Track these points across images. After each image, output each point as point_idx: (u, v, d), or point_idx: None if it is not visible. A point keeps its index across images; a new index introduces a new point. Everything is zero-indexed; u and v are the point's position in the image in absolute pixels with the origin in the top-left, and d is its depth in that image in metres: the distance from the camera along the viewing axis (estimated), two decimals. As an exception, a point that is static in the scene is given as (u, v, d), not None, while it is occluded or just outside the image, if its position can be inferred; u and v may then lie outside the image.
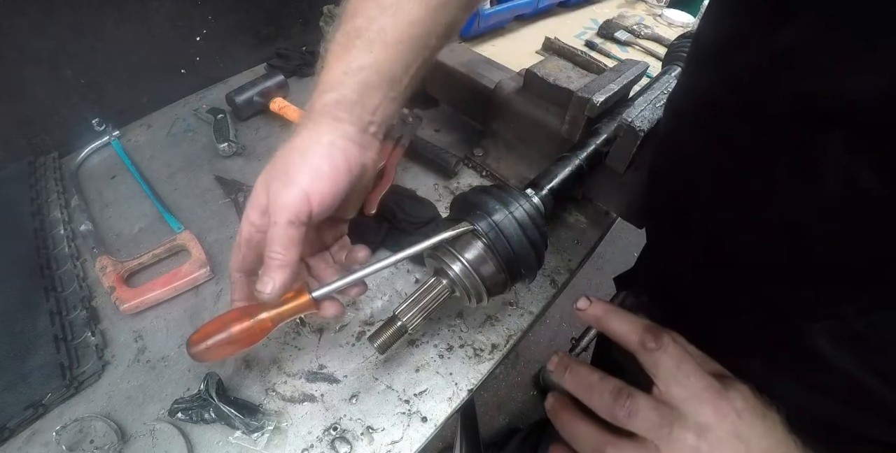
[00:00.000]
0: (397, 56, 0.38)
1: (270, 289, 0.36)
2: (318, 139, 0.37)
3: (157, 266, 0.61)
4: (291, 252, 0.36)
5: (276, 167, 0.38)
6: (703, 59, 0.38)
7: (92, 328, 0.53)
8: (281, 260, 0.35)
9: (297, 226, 0.35)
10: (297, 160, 0.37)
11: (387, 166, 0.70)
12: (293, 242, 0.35)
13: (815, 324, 0.29)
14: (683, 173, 0.42)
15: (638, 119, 0.51)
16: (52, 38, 0.66)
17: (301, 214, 0.35)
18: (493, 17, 0.79)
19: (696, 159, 0.40)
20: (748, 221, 0.34)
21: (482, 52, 0.76)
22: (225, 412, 0.45)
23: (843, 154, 0.24)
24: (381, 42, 0.37)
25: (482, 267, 0.41)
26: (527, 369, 1.53)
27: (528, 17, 1.01)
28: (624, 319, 0.32)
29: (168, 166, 0.74)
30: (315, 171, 0.36)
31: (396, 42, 0.37)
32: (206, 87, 0.87)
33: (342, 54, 0.38)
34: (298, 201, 0.35)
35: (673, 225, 0.48)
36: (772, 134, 0.29)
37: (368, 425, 0.48)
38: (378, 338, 0.43)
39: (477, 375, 0.52)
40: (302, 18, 0.95)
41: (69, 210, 0.65)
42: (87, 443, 0.46)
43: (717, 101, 0.34)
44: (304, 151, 0.37)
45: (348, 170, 0.37)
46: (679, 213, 0.45)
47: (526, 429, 1.19)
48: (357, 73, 0.37)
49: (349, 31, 0.38)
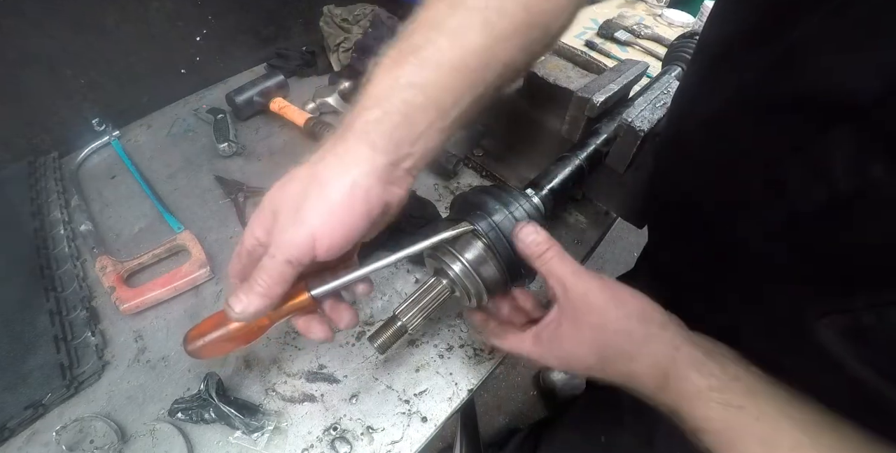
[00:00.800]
0: (450, 82, 0.34)
1: (240, 310, 0.34)
2: (344, 172, 0.33)
3: (157, 266, 0.61)
4: (277, 287, 0.33)
5: (289, 193, 0.33)
6: (708, 62, 0.38)
7: (92, 328, 0.53)
8: (263, 291, 0.33)
9: (293, 267, 0.33)
10: (315, 195, 0.32)
11: None
12: (283, 279, 0.33)
13: (821, 319, 0.29)
14: (686, 172, 0.42)
15: (638, 119, 0.51)
16: (52, 38, 0.66)
17: (303, 257, 0.33)
18: (493, 17, 0.79)
19: (699, 158, 0.39)
20: (751, 219, 0.34)
21: (482, 52, 0.76)
22: (225, 412, 0.45)
23: (853, 148, 0.24)
24: (435, 63, 0.34)
25: (482, 267, 0.41)
26: (527, 369, 1.53)
27: (528, 17, 1.01)
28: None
29: (168, 166, 0.74)
30: (329, 214, 0.32)
31: (451, 67, 0.34)
32: (206, 87, 0.87)
33: (392, 68, 0.34)
34: (303, 244, 0.32)
35: (674, 224, 0.48)
36: (778, 131, 0.29)
37: (368, 425, 0.48)
38: (378, 338, 0.43)
39: (477, 375, 0.52)
40: (302, 18, 0.95)
41: (69, 210, 0.65)
42: (87, 443, 0.46)
43: (721, 101, 0.34)
44: (323, 184, 0.32)
45: (367, 214, 0.33)
46: (681, 213, 0.44)
47: (525, 430, 1.18)
48: (405, 89, 0.33)
49: (404, 48, 0.35)
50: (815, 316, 0.29)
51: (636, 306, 0.35)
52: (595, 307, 0.34)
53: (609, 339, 0.34)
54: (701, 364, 0.32)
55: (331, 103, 0.82)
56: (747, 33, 0.32)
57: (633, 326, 0.34)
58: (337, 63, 0.90)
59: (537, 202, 0.45)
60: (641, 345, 0.34)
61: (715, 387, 0.31)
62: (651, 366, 0.33)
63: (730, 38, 0.34)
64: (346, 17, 0.90)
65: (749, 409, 0.30)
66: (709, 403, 0.31)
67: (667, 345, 0.34)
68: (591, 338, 0.35)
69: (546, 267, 0.36)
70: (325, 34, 0.90)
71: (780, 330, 0.34)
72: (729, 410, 0.31)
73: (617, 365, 0.35)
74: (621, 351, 0.34)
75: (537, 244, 0.37)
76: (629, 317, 0.34)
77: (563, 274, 0.36)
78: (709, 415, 0.31)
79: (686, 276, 0.46)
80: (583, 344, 0.35)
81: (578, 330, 0.35)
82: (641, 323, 0.34)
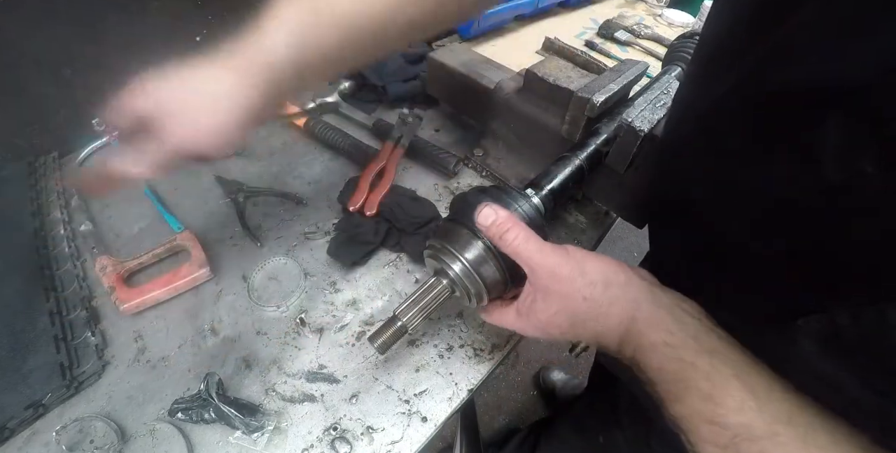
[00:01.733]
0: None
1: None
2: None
3: (157, 266, 0.61)
4: None
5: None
6: (705, 60, 0.38)
7: (92, 328, 0.53)
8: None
9: None
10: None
11: (387, 166, 0.70)
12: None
13: (799, 318, 0.29)
14: (682, 169, 0.43)
15: (638, 119, 0.51)
16: (52, 38, 0.66)
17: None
18: (493, 17, 0.79)
19: (693, 153, 0.40)
20: (741, 213, 0.34)
21: (482, 52, 0.76)
22: (225, 412, 0.45)
23: (844, 139, 0.24)
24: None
25: (482, 267, 0.41)
26: (527, 369, 1.53)
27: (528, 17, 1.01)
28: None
29: (168, 166, 0.74)
30: None
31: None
32: (206, 87, 0.87)
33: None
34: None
35: (671, 221, 0.48)
36: (770, 123, 0.29)
37: (368, 425, 0.48)
38: (378, 338, 0.43)
39: (477, 375, 0.52)
40: (302, 18, 0.95)
41: (69, 210, 0.65)
42: (87, 443, 0.46)
43: (717, 96, 0.35)
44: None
45: None
46: (678, 209, 0.45)
47: (525, 430, 1.19)
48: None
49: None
50: (796, 313, 0.29)
51: (599, 272, 0.37)
52: (562, 279, 0.37)
53: (577, 307, 0.37)
54: (659, 320, 0.34)
55: (331, 103, 0.82)
56: (743, 26, 0.32)
57: (597, 292, 0.36)
58: (337, 63, 0.90)
59: (537, 202, 0.45)
60: (605, 308, 0.36)
61: (670, 343, 0.33)
62: (615, 325, 0.36)
63: (726, 33, 0.35)
64: (346, 17, 0.90)
65: (700, 366, 0.31)
66: (662, 358, 0.33)
67: (628, 304, 0.36)
68: (560, 307, 0.37)
69: (510, 248, 0.38)
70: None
71: (767, 335, 0.34)
72: (681, 364, 0.32)
73: (586, 327, 0.37)
74: (588, 316, 0.37)
75: (497, 225, 0.38)
76: (593, 284, 0.36)
77: (528, 253, 0.37)
78: (662, 368, 0.33)
79: (682, 275, 0.46)
80: (555, 314, 0.38)
81: (549, 302, 0.38)
82: (605, 287, 0.36)
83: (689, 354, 0.32)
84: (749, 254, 0.35)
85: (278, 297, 0.58)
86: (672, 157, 0.45)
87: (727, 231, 0.37)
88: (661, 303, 0.35)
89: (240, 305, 0.57)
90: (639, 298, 0.36)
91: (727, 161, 0.35)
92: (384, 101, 0.85)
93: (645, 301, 0.36)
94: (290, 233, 0.65)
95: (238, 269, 0.61)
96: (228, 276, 0.60)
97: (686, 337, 0.33)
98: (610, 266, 0.38)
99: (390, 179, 0.68)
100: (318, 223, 0.66)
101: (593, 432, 0.70)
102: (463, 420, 0.82)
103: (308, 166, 0.75)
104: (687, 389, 0.31)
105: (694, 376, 0.31)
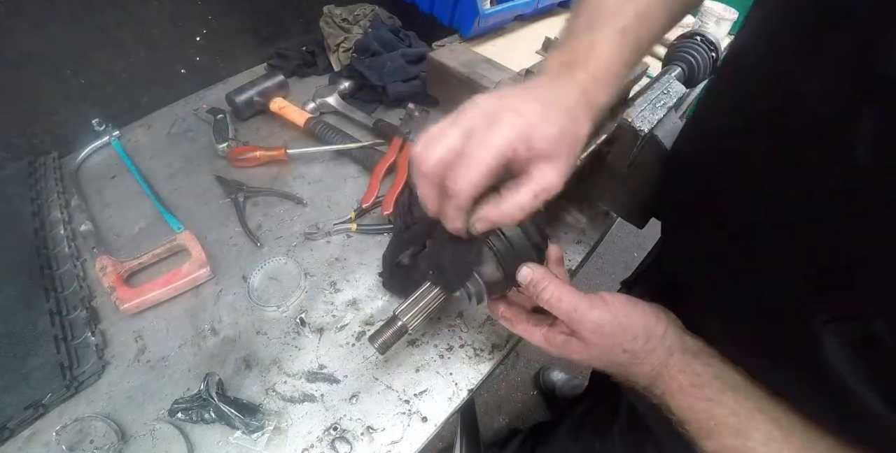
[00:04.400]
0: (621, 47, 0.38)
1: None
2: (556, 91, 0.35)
3: (157, 266, 0.61)
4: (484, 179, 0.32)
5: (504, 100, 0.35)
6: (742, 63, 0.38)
7: (92, 328, 0.53)
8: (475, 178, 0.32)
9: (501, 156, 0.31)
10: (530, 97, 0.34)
11: (399, 163, 0.70)
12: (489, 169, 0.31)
13: (827, 324, 0.27)
14: (707, 155, 0.42)
15: (638, 119, 0.51)
16: (52, 38, 0.66)
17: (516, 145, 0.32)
18: (493, 17, 0.78)
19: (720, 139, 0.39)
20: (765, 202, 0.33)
21: (482, 52, 0.76)
22: (225, 412, 0.45)
23: (884, 125, 0.24)
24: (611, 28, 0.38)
25: (482, 267, 0.41)
26: (527, 369, 1.53)
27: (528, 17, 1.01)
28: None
29: (168, 166, 0.74)
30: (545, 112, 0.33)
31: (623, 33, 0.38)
32: (206, 87, 0.87)
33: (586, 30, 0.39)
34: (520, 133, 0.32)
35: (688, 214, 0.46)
36: (803, 107, 0.29)
37: (368, 425, 0.48)
38: (378, 338, 0.43)
39: (477, 375, 0.52)
40: (302, 18, 0.95)
41: (69, 210, 0.65)
42: (87, 443, 0.46)
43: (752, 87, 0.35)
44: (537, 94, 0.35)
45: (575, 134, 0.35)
46: (696, 200, 0.43)
47: (524, 433, 1.18)
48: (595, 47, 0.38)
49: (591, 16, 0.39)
50: (820, 321, 0.27)
51: (640, 326, 0.37)
52: (603, 335, 0.37)
53: (615, 357, 0.38)
54: (687, 365, 0.36)
55: (331, 103, 0.82)
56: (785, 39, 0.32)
57: (637, 346, 0.37)
58: (337, 63, 0.90)
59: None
60: (642, 358, 0.37)
61: (697, 384, 0.35)
62: (647, 371, 0.37)
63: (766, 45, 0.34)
64: (346, 17, 0.90)
65: (726, 403, 0.33)
66: (691, 399, 0.35)
67: (663, 353, 0.37)
68: (597, 354, 0.38)
69: (548, 305, 0.38)
70: (325, 34, 0.90)
71: (781, 340, 0.33)
72: (709, 403, 0.34)
73: (618, 370, 0.39)
74: (623, 363, 0.38)
75: (534, 284, 0.39)
76: (635, 339, 0.37)
77: (567, 310, 0.37)
78: (692, 408, 0.35)
79: (694, 276, 0.45)
80: (590, 358, 0.39)
81: (587, 349, 0.38)
82: (645, 341, 0.37)
83: (715, 393, 0.34)
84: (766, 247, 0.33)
85: (278, 297, 0.58)
86: (695, 140, 0.45)
87: (745, 220, 0.35)
88: (690, 349, 0.37)
89: (240, 305, 0.57)
90: (672, 347, 0.37)
91: (752, 144, 0.34)
92: (384, 101, 0.85)
93: (677, 349, 0.37)
94: (290, 233, 0.65)
95: (238, 269, 0.61)
96: (228, 276, 0.60)
97: (711, 377, 0.35)
98: (650, 318, 0.38)
99: (403, 176, 0.67)
100: (319, 223, 0.66)
101: (590, 439, 0.70)
102: (463, 420, 0.81)
103: (308, 166, 0.75)
104: (717, 426, 0.33)
105: (721, 412, 0.33)
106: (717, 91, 0.44)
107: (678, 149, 0.51)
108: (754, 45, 0.37)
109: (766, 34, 0.35)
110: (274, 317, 0.56)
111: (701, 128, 0.46)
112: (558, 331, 0.40)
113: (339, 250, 0.63)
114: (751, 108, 0.35)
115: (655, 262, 0.66)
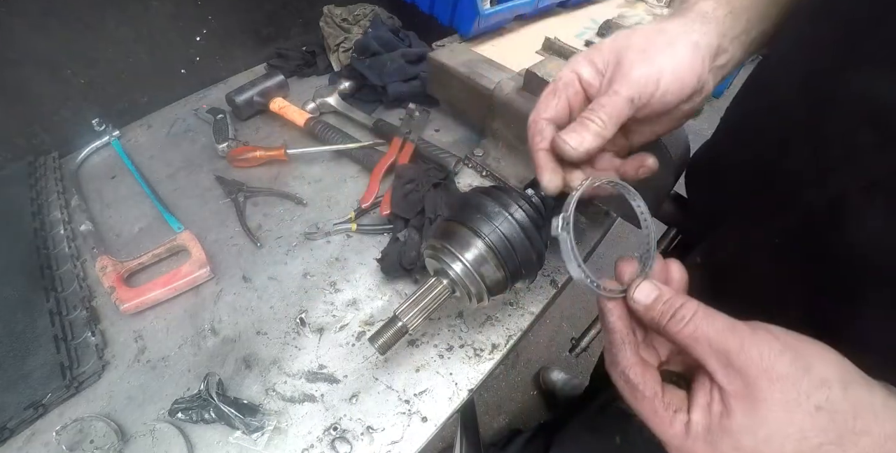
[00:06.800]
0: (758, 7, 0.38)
1: (576, 144, 0.34)
2: (690, 32, 0.36)
3: (157, 266, 0.61)
4: (611, 127, 0.34)
5: (636, 40, 0.36)
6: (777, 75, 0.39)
7: (92, 328, 0.53)
8: (599, 129, 0.34)
9: (633, 105, 0.34)
10: (662, 43, 0.35)
11: (398, 162, 0.70)
12: (620, 118, 0.34)
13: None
14: (770, 127, 0.41)
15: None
16: (52, 38, 0.66)
17: (644, 95, 0.34)
18: (493, 17, 0.78)
19: (788, 110, 0.38)
20: (847, 174, 0.31)
21: (482, 52, 0.76)
22: (225, 412, 0.45)
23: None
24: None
25: (483, 267, 0.41)
26: (527, 369, 1.53)
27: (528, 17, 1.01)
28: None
29: (168, 166, 0.74)
30: (676, 61, 0.34)
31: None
32: (206, 87, 0.87)
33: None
34: (649, 82, 0.34)
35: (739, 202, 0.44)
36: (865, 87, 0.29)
37: (368, 425, 0.48)
38: (378, 339, 0.43)
39: (477, 375, 0.52)
40: (302, 18, 0.95)
41: (69, 210, 0.65)
42: (87, 443, 0.46)
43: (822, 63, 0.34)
44: (671, 38, 0.35)
45: (697, 77, 0.35)
46: (753, 184, 0.42)
47: (530, 431, 1.18)
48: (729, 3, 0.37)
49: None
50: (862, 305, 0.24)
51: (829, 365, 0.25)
52: (776, 377, 0.24)
53: (806, 423, 0.24)
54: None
55: (331, 103, 0.82)
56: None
57: (835, 397, 0.23)
58: (337, 63, 0.90)
59: (537, 202, 0.45)
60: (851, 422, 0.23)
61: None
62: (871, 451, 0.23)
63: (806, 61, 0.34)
64: (346, 17, 0.90)
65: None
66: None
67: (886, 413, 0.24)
68: (779, 425, 0.24)
69: (685, 332, 0.27)
70: (325, 34, 0.90)
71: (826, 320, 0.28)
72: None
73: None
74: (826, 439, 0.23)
75: (663, 302, 0.28)
76: (827, 385, 0.24)
77: (716, 337, 0.26)
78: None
79: (752, 274, 0.41)
80: (768, 439, 0.24)
81: (757, 416, 0.24)
82: (843, 388, 0.24)
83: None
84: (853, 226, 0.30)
85: (278, 297, 0.58)
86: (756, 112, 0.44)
87: (823, 193, 0.33)
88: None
89: (240, 305, 0.57)
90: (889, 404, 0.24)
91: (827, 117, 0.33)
92: (384, 101, 0.85)
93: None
94: (290, 233, 0.65)
95: (238, 269, 0.61)
96: (228, 276, 0.60)
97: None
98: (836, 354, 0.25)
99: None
100: (318, 223, 0.66)
101: (609, 433, 0.69)
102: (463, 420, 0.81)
103: (308, 166, 0.75)
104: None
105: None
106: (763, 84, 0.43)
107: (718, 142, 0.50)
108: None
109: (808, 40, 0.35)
110: (274, 317, 0.56)
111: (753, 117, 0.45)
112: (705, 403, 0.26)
113: (338, 250, 0.64)
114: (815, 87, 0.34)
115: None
